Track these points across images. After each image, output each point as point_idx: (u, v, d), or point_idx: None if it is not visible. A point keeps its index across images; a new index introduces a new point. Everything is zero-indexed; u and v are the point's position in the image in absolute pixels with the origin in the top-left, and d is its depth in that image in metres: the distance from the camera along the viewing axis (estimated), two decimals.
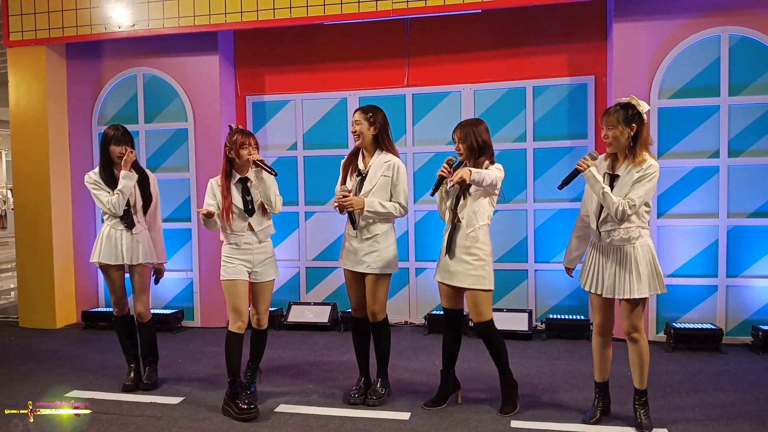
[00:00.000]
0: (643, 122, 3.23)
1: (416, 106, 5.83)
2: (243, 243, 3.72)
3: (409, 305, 5.92)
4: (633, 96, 3.28)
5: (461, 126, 3.61)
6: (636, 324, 3.28)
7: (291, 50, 6.06)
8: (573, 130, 5.54)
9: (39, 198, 6.02)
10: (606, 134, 3.27)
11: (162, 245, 4.30)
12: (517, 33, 5.62)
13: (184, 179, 5.97)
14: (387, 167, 3.72)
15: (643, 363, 3.32)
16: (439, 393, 3.75)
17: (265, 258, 3.80)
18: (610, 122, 3.24)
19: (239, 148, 3.66)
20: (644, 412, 3.35)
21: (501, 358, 3.60)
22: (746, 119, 5.01)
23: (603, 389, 3.51)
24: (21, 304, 6.20)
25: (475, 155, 3.54)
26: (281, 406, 3.81)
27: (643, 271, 3.22)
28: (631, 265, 3.22)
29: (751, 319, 5.05)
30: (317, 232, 6.05)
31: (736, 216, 5.06)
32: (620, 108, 3.25)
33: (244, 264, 3.73)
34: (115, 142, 4.03)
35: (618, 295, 3.26)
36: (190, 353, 5.07)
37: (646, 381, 3.36)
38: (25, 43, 5.98)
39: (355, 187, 3.75)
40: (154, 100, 6.06)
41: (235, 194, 3.71)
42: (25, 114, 6.05)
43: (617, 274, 3.25)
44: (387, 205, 3.70)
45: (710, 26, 5.00)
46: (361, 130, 3.73)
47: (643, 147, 3.23)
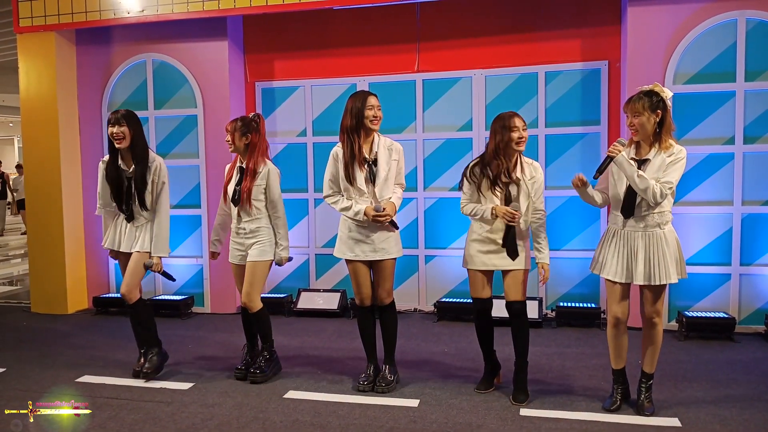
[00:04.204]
0: (667, 108, 3.25)
1: (426, 92, 5.77)
2: (236, 227, 4.00)
3: (419, 292, 5.90)
4: (656, 83, 3.30)
5: (637, 98, 3.28)
6: (659, 309, 3.34)
7: (300, 35, 6.01)
8: (586, 117, 5.47)
9: (50, 184, 6.04)
10: (632, 122, 3.27)
11: (162, 237, 3.99)
12: (529, 17, 5.54)
13: (193, 165, 5.96)
14: (393, 151, 3.75)
15: (657, 347, 3.39)
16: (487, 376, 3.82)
17: (255, 242, 3.96)
18: (635, 110, 3.25)
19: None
20: (648, 395, 3.43)
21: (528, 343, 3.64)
22: (762, 105, 4.92)
23: (622, 375, 3.51)
24: (33, 290, 6.25)
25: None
26: (290, 392, 3.82)
27: (674, 256, 3.27)
28: (664, 249, 3.25)
29: (765, 308, 4.99)
30: (327, 219, 6.03)
31: (751, 204, 4.98)
32: (644, 95, 3.25)
33: (238, 248, 4.01)
34: (110, 124, 3.91)
35: (655, 281, 3.25)
36: (200, 339, 5.09)
37: (655, 364, 3.43)
38: (34, 29, 5.97)
39: (366, 175, 3.71)
40: (164, 86, 6.05)
41: (234, 180, 3.98)
42: (35, 100, 6.06)
43: (651, 260, 3.25)
44: (399, 194, 3.82)
45: (726, 10, 4.89)
46: (381, 116, 3.73)
47: (668, 133, 3.26)
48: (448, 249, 5.78)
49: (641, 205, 3.26)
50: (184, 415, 3.51)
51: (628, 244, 3.31)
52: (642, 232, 3.28)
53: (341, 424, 3.34)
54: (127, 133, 3.88)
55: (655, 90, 3.24)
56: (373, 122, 3.70)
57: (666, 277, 3.24)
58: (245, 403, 3.66)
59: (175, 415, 3.51)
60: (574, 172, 5.40)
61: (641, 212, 3.27)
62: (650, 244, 3.26)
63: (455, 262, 5.36)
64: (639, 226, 3.28)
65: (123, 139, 3.88)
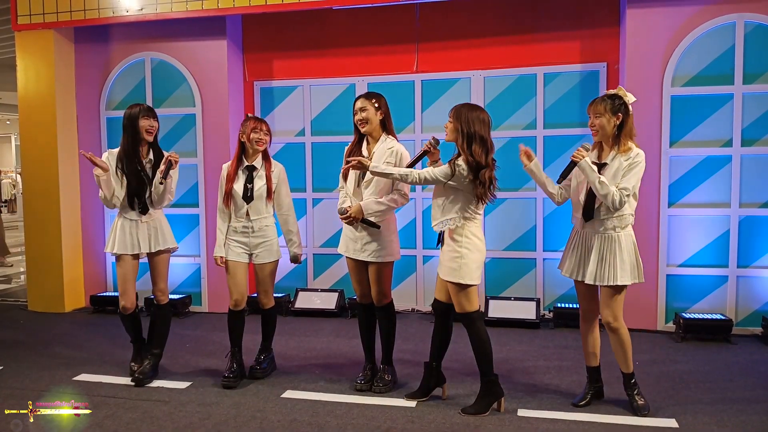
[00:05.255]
0: (628, 113, 3.34)
1: (425, 93, 5.78)
2: (241, 227, 3.94)
3: (416, 293, 5.90)
4: (621, 87, 3.39)
5: (458, 107, 3.39)
6: (616, 313, 3.35)
7: (299, 35, 6.01)
8: (584, 118, 5.43)
9: (47, 182, 6.02)
10: (593, 122, 3.37)
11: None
12: (528, 18, 5.55)
13: (191, 165, 5.95)
14: (390, 154, 3.70)
15: (625, 349, 3.41)
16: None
17: (262, 242, 3.96)
18: (597, 111, 3.34)
19: (251, 132, 3.88)
20: (637, 393, 3.46)
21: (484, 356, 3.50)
22: (760, 108, 4.94)
23: (593, 374, 3.57)
24: (30, 288, 6.24)
25: (463, 140, 3.32)
26: (288, 391, 3.82)
27: (626, 259, 3.30)
28: (615, 252, 3.30)
29: (762, 310, 5.01)
30: (325, 219, 6.04)
31: (748, 206, 5.00)
32: (608, 98, 3.35)
33: (241, 246, 3.96)
34: (144, 115, 3.94)
35: (601, 282, 3.31)
36: (198, 338, 5.08)
37: (631, 364, 3.45)
38: (33, 26, 5.96)
39: (358, 175, 3.73)
40: (162, 85, 6.04)
41: (240, 180, 3.92)
42: (33, 98, 6.04)
43: (601, 262, 3.32)
44: (384, 201, 3.67)
45: (725, 13, 4.91)
46: (368, 116, 3.71)
47: (627, 136, 3.33)
48: None
49: (600, 209, 3.33)
50: (182, 414, 3.51)
51: (584, 244, 3.40)
52: (599, 234, 3.34)
53: (339, 424, 3.34)
54: (157, 126, 4.03)
55: (619, 94, 3.33)
56: (360, 125, 3.74)
57: (613, 278, 3.27)
58: (243, 402, 3.66)
59: (172, 414, 3.51)
60: None
61: (600, 215, 3.33)
62: (604, 246, 3.32)
63: None
64: (596, 227, 3.35)
65: (155, 133, 4.02)
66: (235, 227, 3.97)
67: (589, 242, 3.38)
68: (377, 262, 3.71)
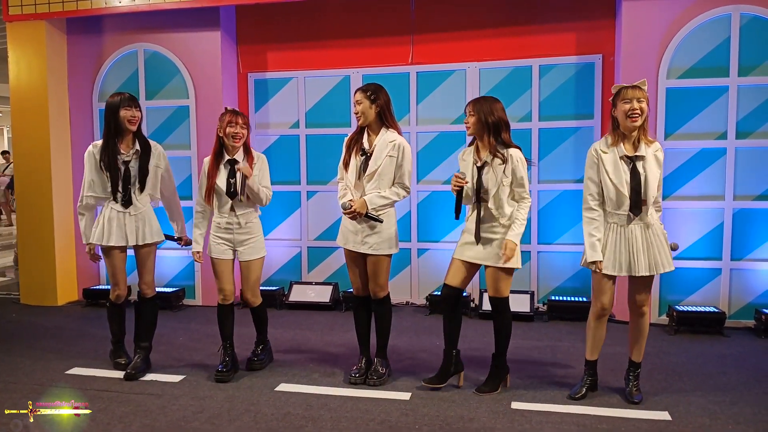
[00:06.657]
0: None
1: (420, 85, 5.75)
2: (225, 223, 3.89)
3: (411, 286, 5.90)
4: (644, 79, 3.39)
5: (475, 100, 3.62)
6: (649, 298, 3.48)
7: (294, 27, 5.97)
8: (579, 110, 5.46)
9: (40, 175, 5.98)
10: (636, 107, 3.28)
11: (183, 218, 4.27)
12: (524, 10, 5.52)
13: (185, 157, 5.91)
14: (392, 147, 3.67)
15: (644, 336, 3.53)
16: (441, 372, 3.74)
17: (248, 238, 3.92)
18: (640, 95, 3.30)
19: (227, 127, 3.80)
20: (636, 384, 3.52)
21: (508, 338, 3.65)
22: (755, 100, 4.93)
23: (593, 367, 3.60)
24: (22, 282, 6.20)
25: (487, 132, 3.56)
26: (282, 385, 3.81)
27: (667, 246, 3.43)
28: (660, 241, 3.39)
29: (755, 302, 5.02)
30: (319, 212, 6.02)
31: (743, 198, 5.00)
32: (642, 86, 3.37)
33: (225, 243, 3.91)
34: (125, 105, 3.85)
35: (658, 271, 3.38)
36: (191, 331, 5.07)
37: (642, 354, 3.55)
38: (24, 17, 5.90)
39: (359, 166, 3.71)
40: (156, 76, 5.99)
41: (221, 175, 3.84)
42: (25, 90, 5.99)
43: (652, 252, 3.37)
44: (387, 194, 3.69)
45: (721, 5, 4.89)
46: (362, 110, 3.68)
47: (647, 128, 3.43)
48: (441, 242, 5.77)
49: (646, 202, 3.37)
50: (175, 407, 3.50)
51: (629, 238, 3.38)
52: (643, 225, 3.37)
53: (333, 417, 3.34)
54: (139, 116, 3.93)
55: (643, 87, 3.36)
56: (357, 117, 3.72)
57: (666, 265, 3.39)
58: (236, 395, 3.65)
59: (165, 407, 3.49)
60: (567, 166, 5.48)
61: (647, 208, 3.38)
62: (651, 236, 3.38)
63: (447, 255, 5.33)
64: (643, 219, 3.38)
65: (137, 123, 3.93)
66: (218, 223, 3.90)
67: (633, 237, 3.36)
68: (377, 254, 3.70)
